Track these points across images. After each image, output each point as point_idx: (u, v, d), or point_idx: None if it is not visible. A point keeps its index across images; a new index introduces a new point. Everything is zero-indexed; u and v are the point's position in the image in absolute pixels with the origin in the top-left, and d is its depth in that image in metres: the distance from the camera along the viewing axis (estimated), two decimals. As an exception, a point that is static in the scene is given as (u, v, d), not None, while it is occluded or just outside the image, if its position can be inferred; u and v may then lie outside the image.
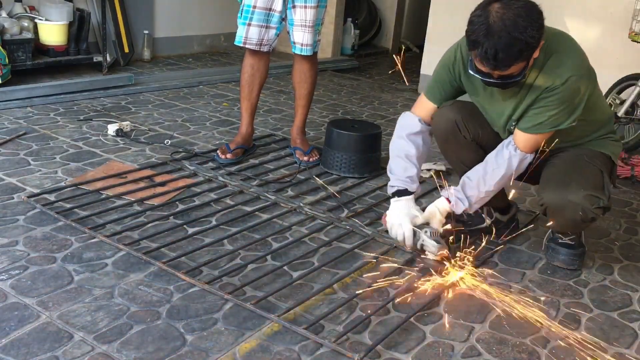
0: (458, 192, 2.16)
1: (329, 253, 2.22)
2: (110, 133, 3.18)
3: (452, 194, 2.17)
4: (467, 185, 2.16)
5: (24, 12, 4.07)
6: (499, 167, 2.10)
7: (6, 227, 2.17)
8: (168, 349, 1.63)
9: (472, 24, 1.85)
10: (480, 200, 2.18)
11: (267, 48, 2.94)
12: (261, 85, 3.05)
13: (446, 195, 2.18)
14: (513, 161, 2.09)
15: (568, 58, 1.98)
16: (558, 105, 1.98)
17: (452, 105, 2.24)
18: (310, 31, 2.90)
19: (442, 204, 2.19)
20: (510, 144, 2.11)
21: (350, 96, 4.67)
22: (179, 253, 2.09)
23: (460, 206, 2.16)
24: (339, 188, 2.82)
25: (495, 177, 2.11)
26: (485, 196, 2.16)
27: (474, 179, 2.14)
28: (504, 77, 1.90)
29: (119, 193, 2.51)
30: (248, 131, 3.10)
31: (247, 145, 3.11)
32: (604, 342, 1.87)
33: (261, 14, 2.85)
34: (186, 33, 5.47)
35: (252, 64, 2.98)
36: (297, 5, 2.86)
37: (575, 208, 2.05)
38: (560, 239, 2.27)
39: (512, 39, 1.79)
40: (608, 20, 4.19)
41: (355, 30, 6.25)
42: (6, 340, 1.60)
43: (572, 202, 2.04)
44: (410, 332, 1.81)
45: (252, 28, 2.87)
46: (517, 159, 2.09)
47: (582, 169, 2.13)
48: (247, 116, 3.08)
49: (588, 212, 2.05)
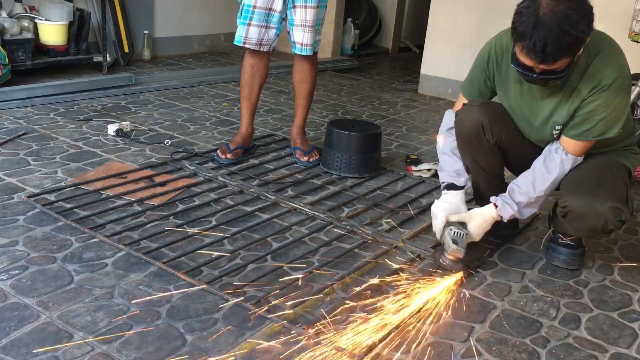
0: (505, 198, 2.14)
1: (329, 253, 2.22)
2: (110, 133, 3.18)
3: (499, 199, 2.15)
4: (516, 191, 2.13)
5: (24, 12, 4.07)
6: (549, 172, 2.09)
7: (6, 227, 2.17)
8: (168, 349, 1.63)
9: (520, 15, 1.79)
10: (530, 206, 2.15)
11: (267, 48, 2.94)
12: (261, 85, 3.04)
13: (494, 201, 2.16)
14: (566, 165, 2.08)
15: (613, 58, 1.93)
16: (606, 108, 1.94)
17: (480, 105, 2.19)
18: (310, 31, 2.90)
19: (488, 208, 2.17)
20: (560, 149, 2.08)
21: (350, 96, 4.67)
22: (179, 253, 2.09)
23: (508, 210, 2.13)
24: (339, 188, 2.82)
25: (545, 182, 2.09)
26: (535, 202, 2.14)
27: (523, 185, 2.12)
28: (547, 73, 1.83)
29: (119, 193, 2.51)
30: (248, 131, 3.10)
31: (247, 145, 3.11)
32: (604, 342, 1.87)
33: (261, 14, 2.85)
34: (186, 33, 5.48)
35: (252, 63, 2.98)
36: (297, 5, 2.85)
37: (598, 217, 2.02)
38: (561, 239, 2.26)
39: (563, 32, 1.73)
40: (608, 20, 4.18)
41: (355, 30, 6.25)
42: (6, 340, 1.60)
43: (597, 211, 2.02)
44: (411, 332, 1.81)
45: (252, 28, 2.86)
46: (570, 163, 2.08)
47: (610, 180, 2.10)
48: (247, 116, 3.08)
49: (609, 224, 2.03)
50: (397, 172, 3.10)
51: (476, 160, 2.27)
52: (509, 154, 2.27)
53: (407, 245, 2.30)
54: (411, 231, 2.45)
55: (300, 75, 3.05)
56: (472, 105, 2.20)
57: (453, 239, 2.10)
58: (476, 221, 2.16)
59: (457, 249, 2.08)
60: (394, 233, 2.42)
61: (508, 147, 2.24)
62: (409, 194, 2.85)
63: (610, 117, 1.96)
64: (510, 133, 2.22)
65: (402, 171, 3.11)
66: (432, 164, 3.10)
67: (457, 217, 2.16)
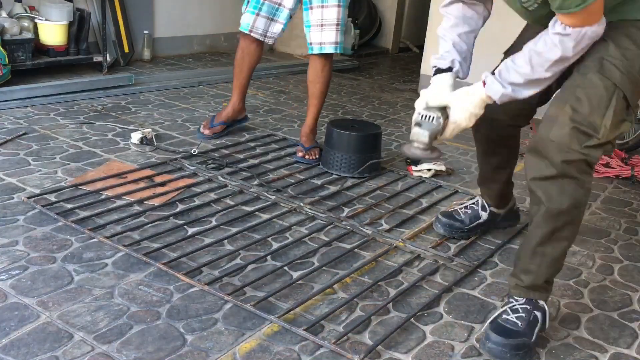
0: (497, 74, 1.72)
1: (329, 253, 2.22)
2: (135, 142, 3.09)
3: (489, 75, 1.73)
4: (511, 69, 1.68)
5: (24, 12, 4.07)
6: (549, 50, 1.61)
7: (6, 227, 2.17)
8: (168, 349, 1.63)
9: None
10: (530, 86, 1.69)
11: (272, 40, 3.08)
12: (251, 66, 3.17)
13: (484, 77, 1.74)
14: (567, 42, 1.58)
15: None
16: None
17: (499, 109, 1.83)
18: (330, 29, 2.91)
19: (475, 85, 1.75)
20: (557, 22, 1.59)
21: (350, 96, 4.67)
22: (179, 254, 2.09)
23: (498, 89, 1.69)
24: (339, 188, 2.82)
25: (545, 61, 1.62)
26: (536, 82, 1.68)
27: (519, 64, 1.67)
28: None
29: (119, 193, 2.51)
30: (235, 107, 3.28)
31: (229, 122, 3.29)
32: (604, 342, 1.87)
33: (270, 7, 2.95)
34: (186, 33, 5.47)
35: (243, 47, 3.13)
36: (314, 6, 2.87)
37: (554, 150, 1.60)
38: (506, 313, 1.77)
39: None
40: (608, 20, 4.18)
41: (355, 30, 6.25)
42: (6, 340, 1.60)
43: (552, 141, 1.60)
44: (410, 332, 1.81)
45: (260, 18, 2.97)
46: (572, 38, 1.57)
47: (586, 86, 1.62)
48: (235, 93, 3.27)
49: (572, 154, 1.58)
50: (397, 172, 3.10)
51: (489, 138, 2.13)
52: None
53: (407, 246, 2.31)
54: (411, 231, 2.45)
55: (314, 75, 3.08)
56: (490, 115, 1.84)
57: (416, 122, 1.77)
58: (460, 102, 1.75)
59: (418, 132, 1.75)
60: (394, 233, 2.42)
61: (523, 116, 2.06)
62: (409, 194, 2.85)
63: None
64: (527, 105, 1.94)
65: (402, 171, 3.11)
66: (432, 164, 3.10)
67: (437, 101, 1.79)
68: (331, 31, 2.92)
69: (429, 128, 1.74)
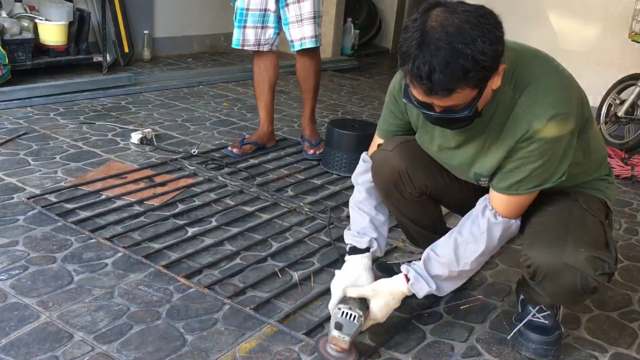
0: (420, 269, 1.63)
1: (329, 253, 2.22)
2: (135, 142, 3.09)
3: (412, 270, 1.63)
4: (434, 261, 1.63)
5: (24, 12, 4.07)
6: (476, 241, 1.60)
7: (6, 227, 2.17)
8: (168, 349, 1.63)
9: (406, 31, 1.36)
10: (452, 280, 1.66)
11: (267, 47, 2.96)
12: (271, 84, 3.10)
13: (406, 271, 1.65)
14: (494, 231, 1.60)
15: (548, 90, 1.45)
16: (541, 155, 1.48)
17: (395, 149, 1.75)
18: (308, 23, 2.88)
19: (398, 280, 1.65)
20: (488, 208, 1.60)
21: (350, 96, 4.67)
22: (179, 254, 2.09)
23: (423, 286, 1.62)
24: (339, 188, 2.82)
25: (471, 253, 1.60)
26: (459, 276, 1.65)
27: (444, 254, 1.62)
28: (447, 111, 1.38)
29: (119, 193, 2.51)
30: (264, 130, 3.18)
31: (261, 143, 3.17)
32: (604, 342, 1.87)
33: (255, 16, 2.89)
34: (186, 33, 5.47)
35: (259, 64, 3.05)
36: (289, 2, 2.85)
37: (574, 274, 1.52)
38: (533, 315, 1.78)
39: (454, 52, 1.27)
40: (608, 20, 4.19)
41: (355, 30, 6.26)
42: (6, 340, 1.60)
43: (569, 265, 1.51)
44: (410, 332, 1.81)
45: (247, 30, 2.91)
46: (500, 227, 1.60)
47: (580, 221, 1.61)
48: (262, 114, 3.17)
49: (590, 280, 1.51)
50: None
51: (401, 211, 1.86)
52: (444, 200, 1.86)
53: (407, 245, 2.31)
54: (411, 231, 2.45)
55: (304, 72, 3.06)
56: (386, 151, 1.77)
57: (337, 322, 1.60)
58: (381, 299, 1.64)
59: (338, 337, 1.58)
60: (393, 233, 2.41)
61: (439, 195, 1.83)
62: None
63: (548, 164, 1.50)
64: (438, 178, 1.78)
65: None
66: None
67: (357, 292, 1.64)
68: (309, 25, 2.89)
69: (349, 332, 1.58)
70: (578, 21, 4.31)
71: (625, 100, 3.83)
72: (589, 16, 4.25)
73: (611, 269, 1.54)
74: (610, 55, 4.17)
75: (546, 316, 1.76)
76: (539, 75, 1.46)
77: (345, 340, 1.58)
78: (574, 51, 4.28)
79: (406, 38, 1.35)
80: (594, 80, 3.83)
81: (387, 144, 1.78)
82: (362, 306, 1.62)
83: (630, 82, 3.86)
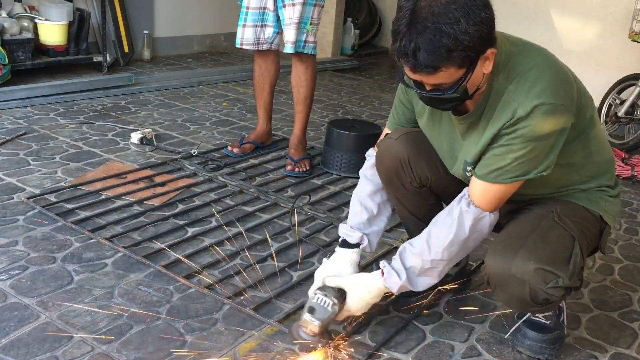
0: (394, 262, 1.64)
1: (329, 253, 2.22)
2: (135, 142, 3.08)
3: (387, 265, 1.63)
4: (408, 252, 1.63)
5: (24, 12, 4.07)
6: (446, 227, 1.59)
7: (6, 227, 2.17)
8: (168, 349, 1.63)
9: (400, 10, 1.40)
10: (426, 274, 1.62)
11: (266, 46, 2.94)
12: (271, 84, 3.09)
13: (382, 266, 1.64)
14: (465, 220, 1.57)
15: (538, 80, 1.45)
16: (524, 146, 1.46)
17: (399, 138, 1.78)
18: (294, 28, 2.82)
19: (375, 275, 1.66)
20: (464, 197, 1.60)
21: (350, 96, 4.67)
22: (179, 254, 2.09)
23: (396, 281, 1.61)
24: (339, 188, 2.82)
25: (442, 240, 1.58)
26: (432, 268, 1.61)
27: (417, 244, 1.62)
28: (435, 90, 1.43)
29: (118, 193, 2.51)
30: (262, 129, 3.18)
31: (260, 142, 3.17)
32: (604, 342, 1.87)
33: (255, 14, 2.88)
34: (186, 33, 5.47)
35: (259, 63, 3.04)
36: (286, 3, 2.85)
37: (521, 285, 1.54)
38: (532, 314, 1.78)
39: (438, 31, 1.32)
40: (608, 20, 4.19)
41: (355, 30, 6.25)
42: (6, 340, 1.60)
43: (514, 276, 1.54)
44: (410, 332, 1.81)
45: (247, 29, 2.90)
46: (471, 217, 1.57)
47: (544, 232, 1.60)
48: (261, 114, 3.16)
49: (540, 293, 1.53)
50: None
51: (402, 202, 1.86)
52: (445, 194, 1.83)
53: (407, 245, 2.30)
54: (411, 231, 2.45)
55: (296, 79, 3.00)
56: (391, 139, 1.80)
57: (310, 306, 1.64)
58: (357, 291, 1.66)
59: (309, 320, 1.62)
60: (394, 233, 2.41)
61: (440, 188, 1.82)
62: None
63: (531, 155, 1.48)
64: (441, 171, 1.78)
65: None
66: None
67: (335, 282, 1.68)
68: (294, 29, 2.81)
69: (321, 317, 1.61)
70: (578, 21, 4.31)
71: (626, 100, 3.83)
72: (589, 16, 4.26)
73: (565, 283, 1.53)
74: (610, 55, 4.18)
75: (547, 316, 1.77)
76: (531, 66, 1.48)
77: (315, 325, 1.61)
78: (574, 51, 4.28)
79: (398, 17, 1.40)
80: (594, 80, 3.84)
81: (394, 133, 1.82)
82: (339, 296, 1.65)
83: (631, 82, 3.86)
